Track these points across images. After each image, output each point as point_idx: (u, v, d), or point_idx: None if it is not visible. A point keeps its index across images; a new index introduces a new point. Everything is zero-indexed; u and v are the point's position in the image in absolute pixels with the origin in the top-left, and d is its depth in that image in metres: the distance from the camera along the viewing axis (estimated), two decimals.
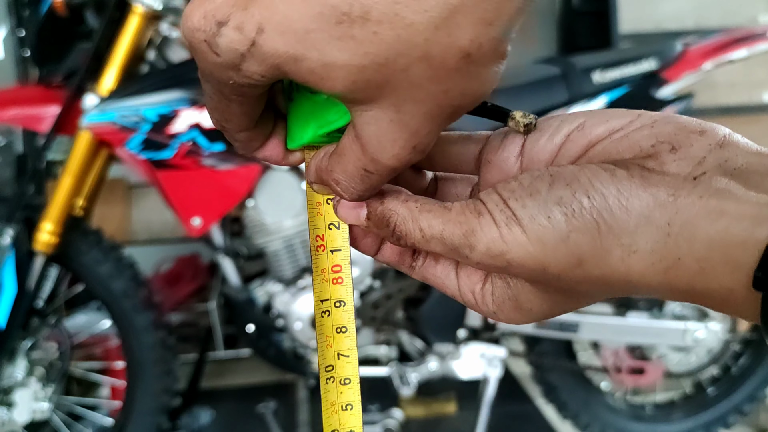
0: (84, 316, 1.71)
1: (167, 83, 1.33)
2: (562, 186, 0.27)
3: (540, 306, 0.30)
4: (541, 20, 2.50)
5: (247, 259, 1.54)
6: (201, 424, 1.79)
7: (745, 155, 0.27)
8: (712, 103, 2.16)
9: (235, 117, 0.29)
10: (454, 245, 0.29)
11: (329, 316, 0.32)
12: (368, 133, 0.26)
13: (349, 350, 0.32)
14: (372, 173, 0.28)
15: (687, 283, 0.26)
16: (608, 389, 1.68)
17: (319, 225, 0.32)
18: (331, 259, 0.32)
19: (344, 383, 0.32)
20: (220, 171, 1.35)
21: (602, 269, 0.27)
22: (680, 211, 0.25)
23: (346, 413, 0.32)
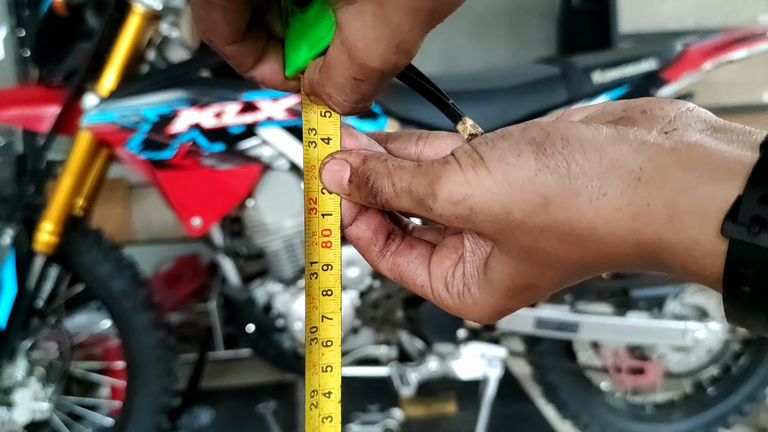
0: (84, 316, 1.71)
1: (167, 83, 1.33)
2: (536, 129, 0.27)
3: (502, 274, 0.29)
4: (541, 20, 2.50)
5: (247, 259, 1.54)
6: (201, 424, 1.79)
7: (712, 122, 0.27)
8: (712, 103, 2.16)
9: (219, 27, 0.29)
10: (419, 196, 0.28)
11: (317, 278, 0.33)
12: (353, 31, 0.26)
13: (333, 313, 0.33)
14: (361, 80, 0.28)
15: (654, 232, 0.25)
16: (608, 389, 1.68)
17: (313, 188, 0.33)
18: (322, 223, 0.33)
19: (326, 345, 0.33)
20: (220, 171, 1.35)
21: (569, 212, 0.26)
22: (652, 157, 0.25)
23: (326, 375, 0.33)
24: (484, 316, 0.31)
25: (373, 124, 1.38)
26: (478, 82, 1.48)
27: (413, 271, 0.33)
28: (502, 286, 0.30)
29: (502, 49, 2.51)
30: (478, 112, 1.42)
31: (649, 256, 0.26)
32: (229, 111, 1.32)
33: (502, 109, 1.43)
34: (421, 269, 0.32)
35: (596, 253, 0.27)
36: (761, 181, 0.23)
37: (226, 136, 1.33)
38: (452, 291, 0.31)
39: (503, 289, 0.30)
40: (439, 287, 0.32)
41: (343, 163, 0.32)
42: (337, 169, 0.31)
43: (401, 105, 1.39)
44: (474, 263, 0.30)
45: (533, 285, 0.29)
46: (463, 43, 2.49)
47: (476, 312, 0.31)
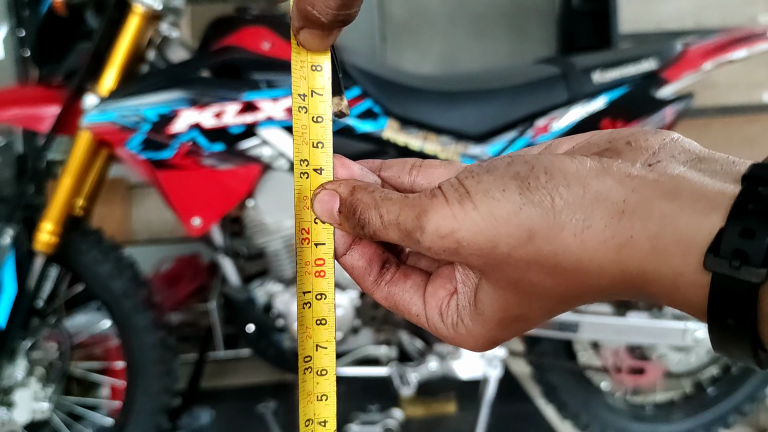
0: (84, 316, 1.71)
1: (167, 83, 1.33)
2: (520, 163, 0.28)
3: (491, 306, 0.30)
4: (541, 20, 2.50)
5: (247, 259, 1.54)
6: (201, 424, 1.79)
7: (696, 152, 0.27)
8: (712, 103, 2.16)
9: None
10: (407, 229, 0.29)
11: (310, 307, 0.33)
12: None
13: (327, 342, 0.33)
14: None
15: (638, 264, 0.25)
16: (608, 389, 1.68)
17: (305, 218, 0.33)
18: (315, 253, 0.33)
19: (321, 374, 0.33)
20: (220, 171, 1.35)
21: (553, 245, 0.26)
22: (636, 189, 0.26)
23: (321, 403, 0.33)
24: (478, 346, 0.31)
25: (373, 123, 1.38)
26: (478, 82, 1.48)
27: (408, 301, 0.33)
28: (493, 318, 0.30)
29: (502, 49, 2.51)
30: (478, 112, 1.42)
31: (634, 286, 0.26)
32: (229, 111, 1.32)
33: (502, 109, 1.43)
34: (416, 299, 0.33)
35: (582, 284, 0.27)
36: (742, 215, 0.23)
37: (226, 136, 1.33)
38: (447, 321, 0.32)
39: (495, 321, 0.30)
40: (434, 317, 0.32)
41: (332, 193, 0.32)
42: (327, 199, 0.32)
43: (401, 105, 1.39)
44: (466, 294, 0.31)
45: (523, 316, 0.30)
46: (463, 43, 2.49)
47: (470, 342, 0.31)
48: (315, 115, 0.33)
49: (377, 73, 1.41)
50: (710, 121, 2.17)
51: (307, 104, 0.33)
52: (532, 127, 1.44)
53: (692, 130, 2.10)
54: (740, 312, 0.23)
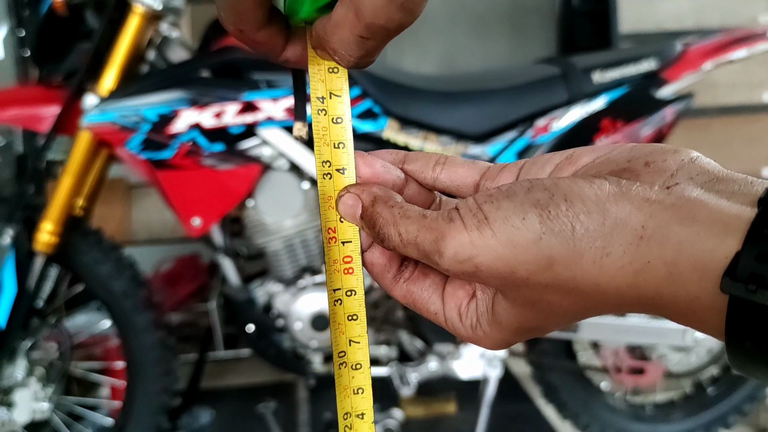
0: (84, 316, 1.71)
1: (167, 83, 1.33)
2: (540, 190, 0.28)
3: (509, 319, 0.30)
4: (541, 20, 2.50)
5: (247, 259, 1.54)
6: (201, 424, 1.79)
7: (715, 172, 0.27)
8: (712, 103, 2.16)
9: (249, 11, 0.29)
10: (425, 251, 0.29)
11: (341, 304, 0.34)
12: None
13: (359, 337, 0.34)
14: (367, 38, 0.28)
15: (655, 288, 0.26)
16: (608, 389, 1.68)
17: (331, 218, 0.33)
18: (342, 251, 0.33)
19: (356, 368, 0.34)
20: (220, 171, 1.35)
21: (573, 271, 0.27)
22: (654, 215, 0.26)
23: (357, 397, 0.34)
24: (494, 347, 0.32)
25: (373, 124, 1.38)
26: (478, 82, 1.48)
27: (427, 299, 0.33)
28: (510, 327, 0.31)
29: (502, 49, 2.51)
30: (478, 112, 1.42)
31: (650, 307, 0.27)
32: (229, 111, 1.32)
33: (502, 109, 1.43)
34: (435, 297, 0.33)
35: (599, 303, 0.28)
36: (758, 239, 0.24)
37: (226, 136, 1.33)
38: (465, 322, 0.32)
39: (511, 329, 0.31)
40: (452, 316, 0.33)
41: (356, 198, 0.32)
42: (351, 203, 0.32)
43: (401, 105, 1.39)
44: (484, 301, 0.32)
45: (539, 327, 0.31)
46: (463, 43, 2.49)
47: (487, 343, 0.32)
48: (334, 117, 0.33)
49: (377, 73, 1.41)
50: (710, 121, 2.17)
51: (326, 106, 0.33)
52: (532, 127, 1.44)
53: (692, 130, 2.10)
54: (758, 334, 0.24)
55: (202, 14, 1.96)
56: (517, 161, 0.31)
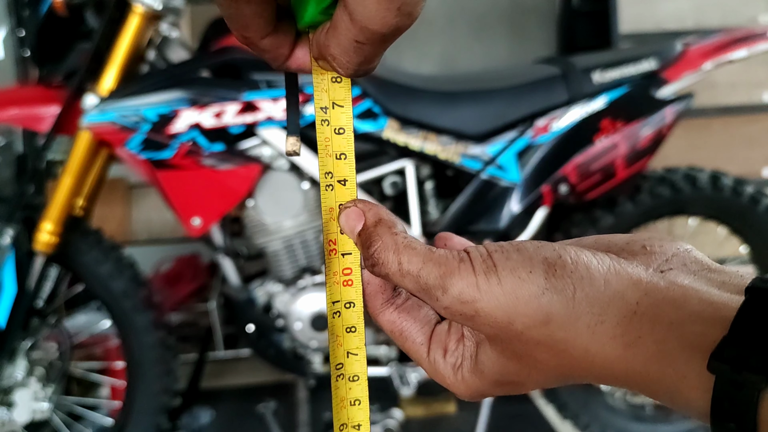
0: (84, 316, 1.71)
1: (167, 83, 1.33)
2: (549, 250, 0.29)
3: (492, 368, 0.30)
4: (541, 20, 2.50)
5: (247, 259, 1.54)
6: (201, 424, 1.79)
7: (707, 263, 0.29)
8: (712, 103, 2.16)
9: (252, 21, 0.29)
10: (427, 285, 0.29)
11: (340, 316, 0.33)
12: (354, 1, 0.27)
13: (357, 349, 0.34)
14: (364, 43, 0.28)
15: (642, 364, 0.27)
16: (608, 389, 1.68)
17: (332, 230, 0.33)
18: (342, 263, 0.33)
19: (353, 380, 0.33)
20: (220, 171, 1.35)
21: (567, 332, 0.27)
22: (648, 294, 0.27)
23: (354, 408, 0.33)
24: (467, 396, 0.32)
25: (373, 124, 1.38)
26: (478, 82, 1.48)
27: (416, 330, 0.33)
28: (490, 377, 0.31)
29: (502, 49, 2.51)
30: (478, 112, 1.42)
31: (636, 383, 0.28)
32: (229, 111, 1.32)
33: (502, 109, 1.43)
34: (426, 329, 0.33)
35: (584, 370, 0.28)
36: (744, 324, 0.25)
37: (226, 136, 1.33)
38: (449, 359, 0.32)
39: (491, 380, 0.31)
40: (437, 352, 0.32)
41: (360, 214, 0.32)
42: (354, 217, 0.32)
43: (401, 105, 1.39)
44: (469, 348, 0.32)
45: (519, 382, 0.31)
46: (463, 43, 2.49)
47: (462, 389, 0.32)
48: (337, 127, 0.33)
49: (377, 73, 1.41)
50: (710, 121, 2.17)
51: (329, 117, 0.33)
52: (532, 127, 1.44)
53: (692, 130, 2.10)
54: (741, 417, 0.24)
55: (202, 14, 1.96)
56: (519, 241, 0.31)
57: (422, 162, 1.45)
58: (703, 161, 1.71)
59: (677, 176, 1.52)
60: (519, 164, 1.44)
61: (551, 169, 1.44)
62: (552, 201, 1.45)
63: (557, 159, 1.44)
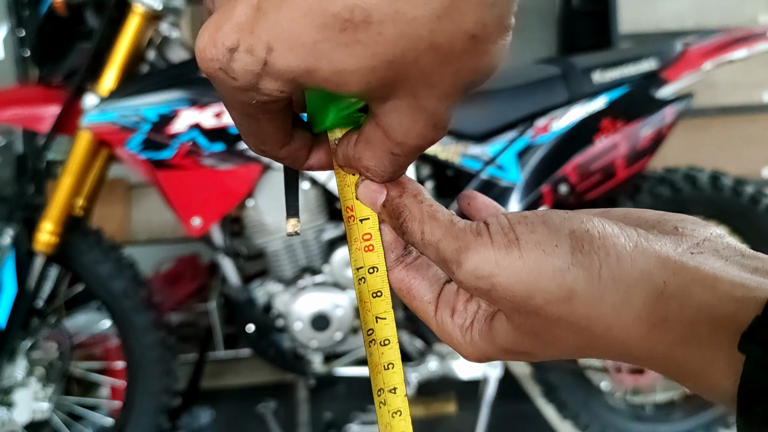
0: (84, 316, 1.71)
1: (167, 83, 1.33)
2: (577, 221, 0.28)
3: (505, 339, 0.30)
4: (541, 20, 2.50)
5: (247, 259, 1.54)
6: (201, 424, 1.79)
7: (740, 249, 0.28)
8: (712, 103, 2.16)
9: (269, 135, 0.29)
10: (445, 258, 0.29)
11: (365, 282, 0.33)
12: (389, 121, 0.27)
13: (385, 313, 0.34)
14: (399, 155, 0.28)
15: (668, 346, 0.26)
16: (608, 389, 1.68)
17: (348, 196, 0.33)
18: (362, 228, 0.33)
19: (384, 344, 0.34)
20: (220, 171, 1.35)
21: (590, 309, 0.27)
22: (677, 273, 0.26)
23: (388, 372, 0.34)
24: (473, 357, 0.31)
25: None
26: None
27: (425, 288, 0.33)
28: (502, 346, 0.30)
29: None
30: (478, 112, 1.42)
31: (659, 365, 0.27)
32: None
33: (502, 109, 1.43)
34: (435, 288, 0.32)
35: (603, 347, 0.28)
36: None
37: (226, 136, 1.33)
38: (457, 320, 0.31)
39: (502, 348, 0.30)
40: (444, 311, 0.32)
41: (381, 186, 0.32)
42: (374, 188, 0.32)
43: None
44: (483, 312, 0.31)
45: (531, 354, 0.30)
46: None
47: (469, 351, 0.31)
48: None
49: None
50: (710, 121, 2.17)
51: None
52: (532, 127, 1.44)
53: (692, 130, 2.10)
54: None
55: (202, 14, 1.96)
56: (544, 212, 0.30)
57: (422, 162, 1.45)
58: (703, 161, 1.71)
59: (677, 176, 1.52)
60: (519, 164, 1.44)
61: (551, 169, 1.44)
62: (552, 201, 1.45)
63: (557, 159, 1.44)
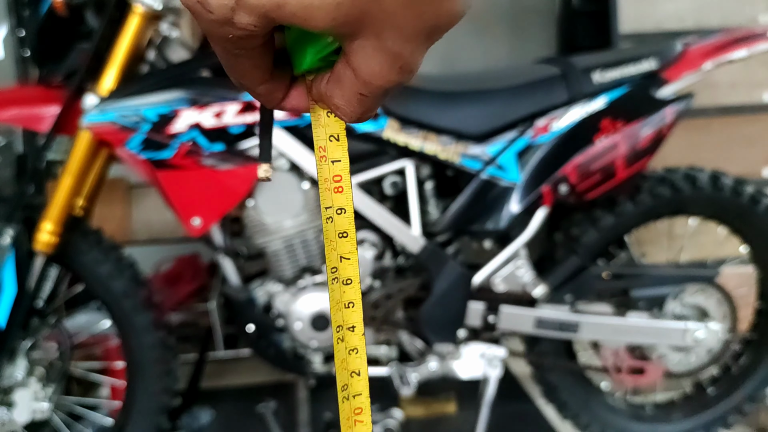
0: (84, 316, 1.71)
1: (167, 83, 1.33)
2: None
3: None
4: (541, 20, 2.49)
5: (247, 259, 1.54)
6: (201, 424, 1.79)
7: None
8: (712, 103, 2.16)
9: (248, 71, 0.31)
10: None
11: (332, 222, 0.35)
12: (357, 60, 0.28)
13: (350, 253, 0.35)
14: (367, 96, 0.30)
15: None
16: (608, 389, 1.68)
17: (321, 137, 0.35)
18: (332, 169, 0.35)
19: (346, 283, 0.35)
20: (220, 171, 1.35)
21: None
22: None
23: (348, 311, 0.35)
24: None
25: (373, 123, 1.38)
26: (478, 82, 1.48)
27: None
28: None
29: (502, 49, 2.51)
30: (478, 112, 1.42)
31: None
32: (229, 111, 1.32)
33: (502, 109, 1.43)
34: None
35: None
36: None
37: (226, 136, 1.33)
38: None
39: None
40: None
41: None
42: None
43: (401, 105, 1.39)
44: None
45: None
46: (463, 43, 2.49)
47: None
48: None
49: None
50: (710, 121, 2.17)
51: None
52: (532, 127, 1.44)
53: (692, 130, 2.10)
54: None
55: None
56: None
57: (422, 162, 1.45)
58: (703, 161, 1.71)
59: (677, 176, 1.52)
60: (519, 164, 1.44)
61: (551, 169, 1.44)
62: (552, 201, 1.45)
63: (557, 159, 1.44)
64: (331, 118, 0.34)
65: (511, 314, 1.46)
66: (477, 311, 1.46)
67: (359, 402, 0.36)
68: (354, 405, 0.36)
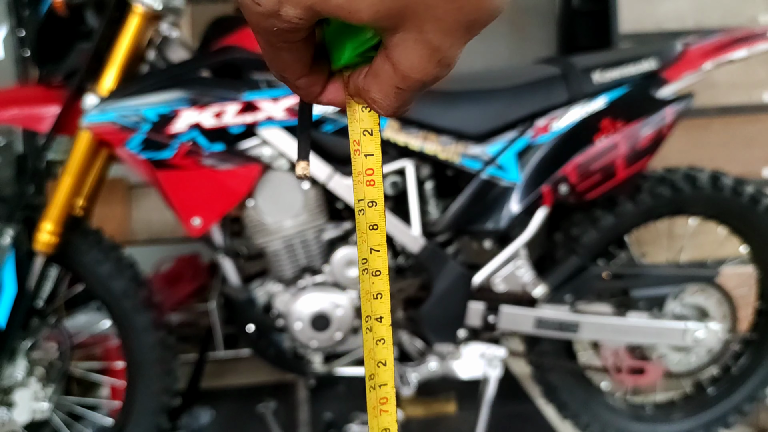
0: (84, 316, 1.71)
1: (167, 83, 1.33)
2: None
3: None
4: (541, 20, 2.49)
5: (247, 259, 1.54)
6: (201, 424, 1.79)
7: None
8: (712, 103, 2.16)
9: (290, 64, 0.32)
10: None
11: (364, 214, 0.36)
12: (397, 53, 0.29)
13: (379, 246, 0.36)
14: (404, 89, 0.31)
15: None
16: (608, 389, 1.68)
17: (355, 131, 0.35)
18: (365, 163, 0.35)
19: (375, 275, 0.36)
20: (220, 171, 1.35)
21: None
22: None
23: (377, 302, 0.36)
24: None
25: None
26: (478, 82, 1.48)
27: None
28: None
29: (502, 49, 2.50)
30: (478, 112, 1.42)
31: None
32: (229, 111, 1.32)
33: (502, 109, 1.43)
34: None
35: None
36: None
37: (226, 136, 1.33)
38: None
39: None
40: None
41: None
42: None
43: None
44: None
45: None
46: None
47: None
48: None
49: None
50: (710, 121, 2.17)
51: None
52: (532, 127, 1.44)
53: (692, 130, 2.10)
54: None
55: (202, 14, 1.96)
56: None
57: (422, 162, 1.45)
58: (703, 161, 1.71)
59: (677, 176, 1.52)
60: (519, 164, 1.44)
61: (551, 169, 1.44)
62: (552, 201, 1.45)
63: (557, 159, 1.44)
64: (366, 113, 0.35)
65: (511, 314, 1.46)
66: (477, 311, 1.46)
67: (385, 392, 0.37)
68: (380, 395, 0.37)
